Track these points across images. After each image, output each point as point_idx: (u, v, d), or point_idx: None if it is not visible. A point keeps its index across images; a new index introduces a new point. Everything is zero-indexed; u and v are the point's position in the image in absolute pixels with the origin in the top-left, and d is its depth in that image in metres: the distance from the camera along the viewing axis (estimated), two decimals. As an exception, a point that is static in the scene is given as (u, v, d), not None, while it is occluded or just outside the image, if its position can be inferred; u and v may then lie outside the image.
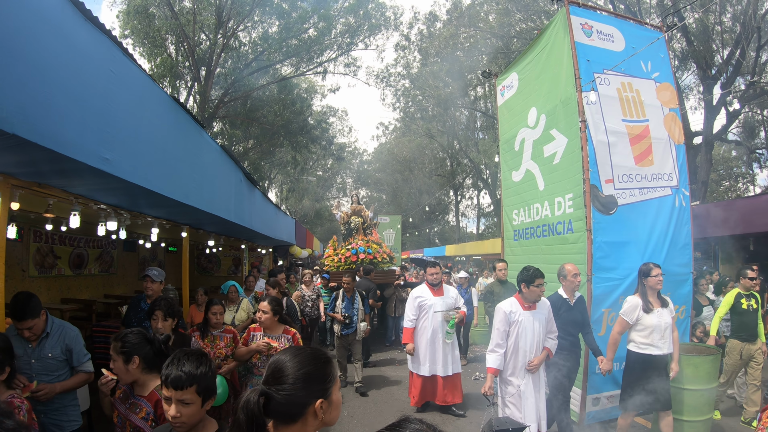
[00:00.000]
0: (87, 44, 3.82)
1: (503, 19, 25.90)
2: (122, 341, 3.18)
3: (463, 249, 33.59)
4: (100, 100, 3.99)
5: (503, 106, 9.69)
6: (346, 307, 9.00)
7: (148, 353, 3.23)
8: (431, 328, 7.28)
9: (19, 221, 8.95)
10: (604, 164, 6.95)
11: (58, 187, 5.25)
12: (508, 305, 5.41)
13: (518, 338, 5.33)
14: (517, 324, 5.33)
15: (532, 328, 5.33)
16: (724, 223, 12.31)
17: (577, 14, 7.49)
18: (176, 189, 5.69)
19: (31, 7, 3.18)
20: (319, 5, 26.76)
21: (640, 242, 6.99)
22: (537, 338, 5.36)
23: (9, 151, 3.48)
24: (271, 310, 5.25)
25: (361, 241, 13.19)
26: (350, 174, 58.78)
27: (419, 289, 7.62)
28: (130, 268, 15.23)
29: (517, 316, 5.34)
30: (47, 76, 3.33)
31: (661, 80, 7.85)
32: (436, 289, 7.47)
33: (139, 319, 5.96)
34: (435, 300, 7.37)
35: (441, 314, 7.29)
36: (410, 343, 7.37)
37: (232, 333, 5.85)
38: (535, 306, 5.40)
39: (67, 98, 3.54)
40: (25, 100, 3.10)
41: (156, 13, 24.35)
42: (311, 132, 31.65)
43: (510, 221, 9.14)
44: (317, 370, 1.79)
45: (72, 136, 3.61)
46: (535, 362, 5.33)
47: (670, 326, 5.60)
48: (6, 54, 2.92)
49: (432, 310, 7.33)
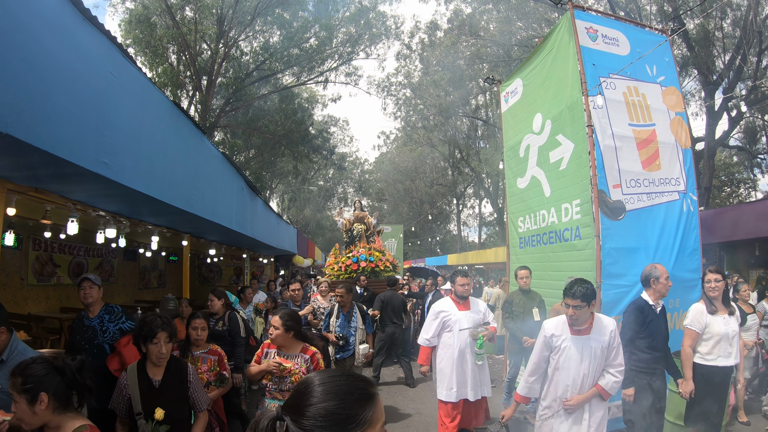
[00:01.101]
0: (86, 44, 3.76)
1: (504, 27, 25.93)
2: (23, 375, 2.50)
3: (466, 258, 33.43)
4: (99, 102, 3.92)
5: (507, 113, 9.60)
6: (341, 326, 7.44)
7: (60, 387, 2.55)
8: (457, 348, 5.96)
9: (17, 229, 8.86)
10: (612, 169, 6.85)
11: (55, 193, 5.18)
12: (552, 326, 4.41)
13: (558, 369, 4.32)
14: (559, 352, 4.31)
15: (579, 359, 4.23)
16: (729, 228, 12.23)
17: (582, 18, 7.42)
18: (177, 196, 5.61)
19: (29, 5, 3.11)
20: (321, 15, 26.83)
21: (649, 248, 6.87)
22: (584, 372, 4.24)
23: (3, 152, 3.39)
24: (283, 326, 4.33)
25: (363, 249, 12.85)
26: (351, 184, 58.72)
27: (442, 303, 6.26)
28: (130, 278, 15.16)
29: (560, 341, 4.31)
30: (44, 76, 3.26)
31: (666, 84, 7.78)
32: (461, 303, 6.14)
33: (89, 338, 4.98)
34: (460, 315, 6.05)
35: (468, 332, 6.02)
36: (426, 365, 6.17)
37: (218, 355, 5.05)
38: (589, 330, 4.28)
39: (64, 99, 3.47)
40: (20, 99, 3.03)
41: (157, 23, 24.42)
42: (312, 142, 31.63)
43: (515, 228, 9.02)
44: (342, 408, 1.32)
45: (69, 138, 3.53)
46: (572, 402, 4.24)
47: (737, 334, 5.21)
48: (1, 51, 2.84)
49: (457, 326, 6.01)
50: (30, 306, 10.56)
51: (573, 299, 4.13)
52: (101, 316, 5.07)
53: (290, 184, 44.70)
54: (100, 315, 5.07)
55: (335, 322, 7.48)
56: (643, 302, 5.07)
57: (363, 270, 12.31)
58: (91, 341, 4.96)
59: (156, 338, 3.61)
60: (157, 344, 3.61)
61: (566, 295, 4.20)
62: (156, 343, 3.61)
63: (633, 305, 5.06)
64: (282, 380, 4.19)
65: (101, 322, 5.03)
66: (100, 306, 5.14)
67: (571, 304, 4.15)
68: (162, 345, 3.62)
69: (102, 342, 4.96)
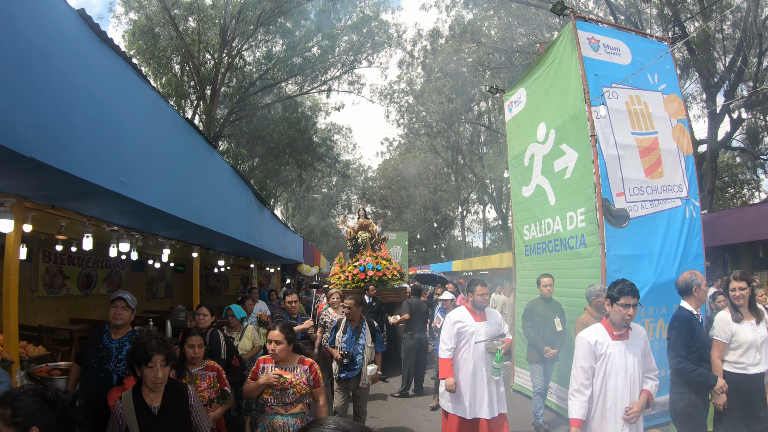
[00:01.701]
0: (101, 65, 3.85)
1: (505, 33, 26.05)
2: (13, 407, 2.28)
3: (470, 264, 33.44)
4: (115, 121, 4.01)
5: (511, 122, 9.70)
6: (347, 342, 6.57)
7: (51, 422, 2.36)
8: (472, 361, 5.62)
9: (29, 242, 8.97)
10: (615, 178, 6.94)
11: (71, 209, 5.25)
12: (593, 334, 4.21)
13: (607, 378, 4.09)
14: (605, 359, 4.10)
15: (624, 365, 4.08)
16: (732, 231, 12.28)
17: (583, 29, 7.52)
18: (190, 210, 5.70)
19: (46, 28, 3.20)
20: (323, 24, 26.98)
21: (653, 254, 6.97)
22: (632, 377, 4.09)
23: (25, 173, 3.48)
24: (285, 339, 4.18)
25: (370, 257, 12.52)
26: (355, 191, 58.83)
27: (458, 312, 5.91)
28: (138, 289, 15.23)
29: (604, 347, 4.12)
30: (62, 97, 3.34)
31: (668, 92, 7.87)
32: (478, 314, 5.78)
33: (101, 359, 4.53)
34: (477, 326, 5.69)
35: (483, 344, 5.66)
36: (450, 377, 5.65)
37: (216, 370, 4.70)
38: (628, 335, 4.17)
39: (82, 119, 3.56)
40: (41, 122, 3.11)
41: (161, 33, 24.53)
42: (316, 150, 31.71)
43: (521, 236, 9.11)
44: None
45: (88, 157, 3.62)
46: (635, 409, 4.05)
47: (765, 340, 4.88)
48: (21, 75, 2.93)
49: (473, 338, 5.66)
50: (40, 318, 10.66)
51: (633, 297, 3.99)
52: (123, 341, 4.61)
53: (294, 192, 44.81)
54: (122, 340, 4.62)
55: (341, 338, 6.66)
56: (688, 312, 4.83)
57: (371, 279, 11.95)
58: (101, 363, 4.51)
59: (151, 361, 3.27)
60: (153, 368, 3.28)
61: (622, 294, 4.01)
62: (151, 366, 3.27)
63: (681, 317, 4.79)
64: (284, 392, 4.07)
65: (120, 347, 4.58)
66: (127, 330, 4.74)
67: (631, 302, 3.99)
68: (158, 369, 3.29)
69: (113, 369, 4.50)
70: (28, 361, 6.77)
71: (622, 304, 4.02)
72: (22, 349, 6.66)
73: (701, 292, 4.86)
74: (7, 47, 2.80)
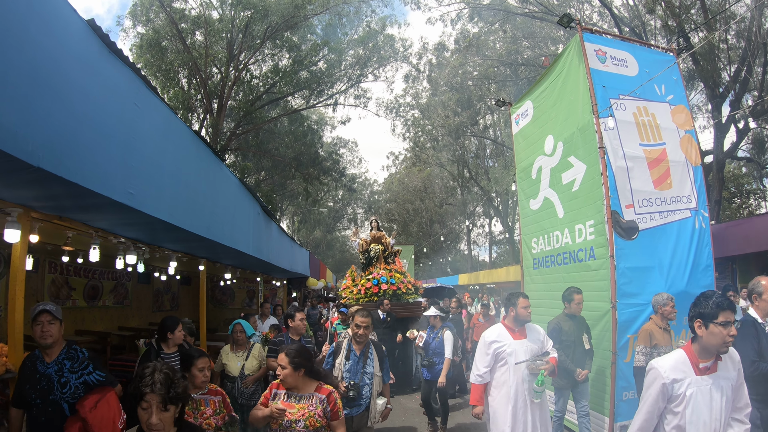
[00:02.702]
0: (112, 77, 3.86)
1: (511, 47, 26.15)
2: None
3: (477, 278, 33.37)
4: (125, 134, 4.01)
5: (519, 135, 9.69)
6: (351, 370, 5.19)
7: None
8: (513, 385, 5.02)
9: (35, 253, 8.97)
10: (624, 189, 6.90)
11: (79, 221, 5.25)
12: (670, 366, 3.10)
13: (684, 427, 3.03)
14: (683, 403, 3.02)
15: (709, 409, 3.03)
16: (741, 241, 12.22)
17: (590, 41, 7.52)
18: (198, 223, 5.69)
19: (57, 39, 3.21)
20: (329, 38, 27.13)
21: (663, 266, 6.90)
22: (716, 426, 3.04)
23: (33, 184, 3.48)
24: (290, 364, 3.63)
25: (383, 271, 11.98)
26: (361, 205, 58.91)
27: (494, 331, 5.32)
28: (144, 301, 15.23)
29: (683, 387, 3.03)
30: (73, 109, 3.35)
31: (675, 102, 7.85)
32: (517, 331, 5.25)
33: (42, 391, 3.79)
34: (516, 346, 5.14)
35: (525, 365, 5.07)
36: (480, 405, 5.23)
37: (220, 394, 4.23)
38: (716, 366, 3.10)
39: (92, 132, 3.56)
40: (51, 133, 3.11)
41: (168, 47, 24.73)
42: (322, 164, 31.80)
43: (529, 249, 9.06)
44: None
45: (97, 170, 3.62)
46: None
47: None
48: (32, 86, 2.94)
49: (513, 359, 5.08)
50: (46, 330, 10.64)
51: (733, 311, 3.02)
52: (60, 361, 3.91)
53: (300, 206, 44.90)
54: (59, 360, 3.91)
55: (343, 365, 5.23)
56: (753, 319, 4.37)
57: (384, 293, 11.36)
58: (44, 395, 3.79)
59: (145, 402, 2.55)
60: (147, 410, 2.55)
61: (721, 309, 2.98)
62: (145, 408, 2.55)
63: (747, 323, 4.32)
64: (295, 424, 3.56)
65: (59, 370, 3.87)
66: (61, 347, 3.99)
67: (732, 319, 2.98)
68: (153, 412, 2.54)
69: (59, 399, 3.80)
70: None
71: (721, 323, 2.97)
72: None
73: (762, 301, 4.41)
74: (20, 58, 2.81)
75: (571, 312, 6.40)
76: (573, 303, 6.38)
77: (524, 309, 5.18)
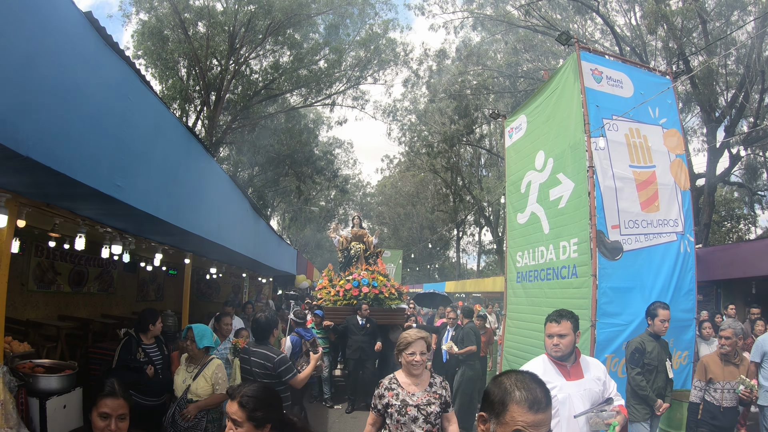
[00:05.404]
0: (106, 69, 3.87)
1: (511, 58, 26.23)
2: None
3: (464, 286, 33.43)
4: (116, 126, 4.02)
5: (511, 148, 9.75)
6: None
7: None
8: None
9: (22, 236, 8.92)
10: (611, 209, 6.96)
11: (66, 209, 5.25)
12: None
13: None
14: None
15: None
16: (726, 266, 12.33)
17: (587, 60, 7.58)
18: (184, 218, 5.70)
19: (54, 31, 3.22)
20: (331, 38, 27.11)
21: (645, 288, 6.96)
22: None
23: (22, 172, 3.48)
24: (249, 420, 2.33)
25: (365, 272, 11.07)
26: (353, 206, 58.72)
27: (537, 367, 3.53)
28: (129, 289, 15.14)
29: None
30: (65, 99, 3.36)
31: (668, 126, 7.93)
32: (568, 368, 3.56)
33: None
34: (570, 389, 3.46)
35: (586, 417, 3.42)
36: None
37: None
38: None
39: (83, 123, 3.56)
40: (42, 122, 3.12)
41: (170, 36, 24.61)
42: (316, 163, 31.77)
43: (513, 262, 9.11)
44: None
45: (86, 161, 3.63)
46: None
47: None
48: (26, 75, 2.95)
49: (567, 409, 3.38)
50: (29, 312, 10.55)
51: None
52: None
53: (292, 204, 44.82)
54: None
55: None
56: None
57: (365, 296, 10.44)
58: None
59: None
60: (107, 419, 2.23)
61: None
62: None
63: None
64: None
65: None
66: None
67: None
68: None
69: None
70: (12, 356, 6.72)
71: None
72: (7, 345, 6.60)
73: None
74: (15, 47, 2.82)
75: (654, 331, 5.43)
76: (657, 320, 5.40)
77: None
